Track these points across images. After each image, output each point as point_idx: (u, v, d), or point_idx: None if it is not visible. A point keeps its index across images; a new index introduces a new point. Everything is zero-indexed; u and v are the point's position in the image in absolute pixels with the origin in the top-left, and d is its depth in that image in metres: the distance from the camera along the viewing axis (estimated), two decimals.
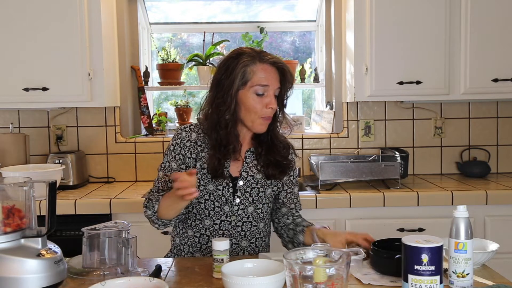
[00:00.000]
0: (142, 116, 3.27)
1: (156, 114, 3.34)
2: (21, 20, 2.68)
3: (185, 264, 1.62)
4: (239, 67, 1.65)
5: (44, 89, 2.71)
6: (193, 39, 3.61)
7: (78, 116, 3.11)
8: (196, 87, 3.41)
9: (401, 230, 2.54)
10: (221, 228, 1.74)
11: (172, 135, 1.81)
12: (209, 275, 1.49)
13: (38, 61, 2.70)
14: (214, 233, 1.74)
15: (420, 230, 2.54)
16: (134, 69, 3.26)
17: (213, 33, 3.36)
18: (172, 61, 3.35)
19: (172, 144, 1.77)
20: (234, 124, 1.69)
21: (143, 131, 3.32)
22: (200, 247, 1.76)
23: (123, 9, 3.13)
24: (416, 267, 1.21)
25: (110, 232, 1.51)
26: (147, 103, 3.26)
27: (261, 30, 3.37)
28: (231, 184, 1.73)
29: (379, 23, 2.74)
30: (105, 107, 3.07)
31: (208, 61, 3.32)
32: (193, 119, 3.44)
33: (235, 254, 1.75)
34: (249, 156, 1.77)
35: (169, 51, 3.36)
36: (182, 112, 3.36)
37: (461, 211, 1.31)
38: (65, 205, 2.52)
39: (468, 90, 2.78)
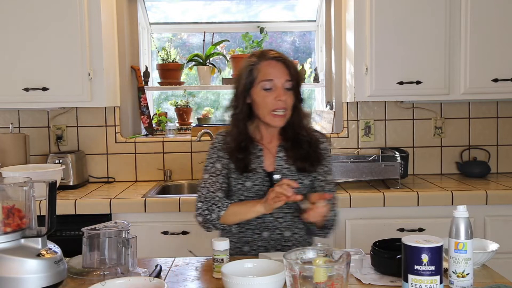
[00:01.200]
0: (142, 116, 3.27)
1: (156, 114, 3.34)
2: (21, 20, 2.68)
3: (185, 264, 1.62)
4: (245, 68, 1.79)
5: (44, 89, 2.71)
6: (193, 39, 3.61)
7: (78, 116, 3.11)
8: (196, 87, 3.41)
9: (401, 230, 2.54)
10: (264, 221, 1.80)
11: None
12: (210, 275, 1.50)
13: (38, 61, 2.70)
14: (259, 225, 1.80)
15: (420, 230, 2.54)
16: (134, 69, 3.26)
17: (213, 33, 3.37)
18: (172, 61, 3.35)
19: (211, 148, 1.88)
20: (246, 122, 1.80)
21: (143, 131, 3.32)
22: (246, 240, 1.82)
23: (123, 9, 3.13)
24: (416, 267, 1.21)
25: (110, 232, 1.51)
26: (147, 103, 3.26)
27: (261, 30, 3.37)
28: (267, 179, 1.79)
29: (379, 23, 2.74)
30: (105, 107, 3.07)
31: (208, 61, 3.32)
32: (193, 119, 3.44)
33: (278, 243, 1.79)
34: (281, 151, 1.84)
35: (169, 51, 3.36)
36: (182, 112, 3.36)
37: (461, 211, 1.32)
38: (65, 205, 2.52)
39: (468, 90, 2.78)
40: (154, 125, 3.30)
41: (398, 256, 1.34)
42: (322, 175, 1.86)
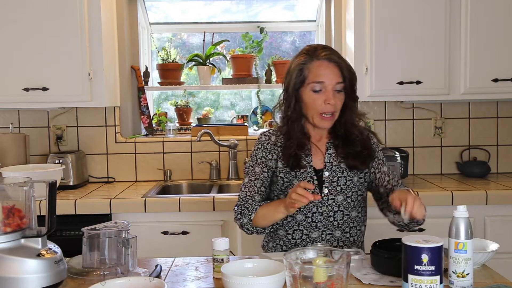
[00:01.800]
0: (142, 116, 3.27)
1: (156, 114, 3.34)
2: (21, 20, 2.67)
3: (185, 264, 1.62)
4: (295, 67, 1.74)
5: (44, 89, 2.71)
6: (193, 39, 3.61)
7: (78, 116, 3.11)
8: (196, 87, 3.41)
9: (401, 230, 2.54)
10: (313, 220, 1.77)
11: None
12: (209, 275, 1.49)
13: (38, 61, 2.70)
14: (308, 226, 1.77)
15: (420, 230, 2.54)
16: (134, 69, 3.26)
17: (213, 33, 3.37)
18: (172, 61, 3.35)
19: (255, 150, 1.86)
20: (297, 120, 1.77)
21: (143, 131, 3.32)
22: (295, 242, 1.79)
23: (123, 9, 3.13)
24: (416, 267, 1.21)
25: (110, 232, 1.51)
26: (147, 103, 3.26)
27: (261, 30, 3.37)
28: (315, 177, 1.77)
29: (379, 23, 2.74)
30: (105, 107, 3.07)
31: (208, 61, 3.32)
32: (193, 119, 3.44)
33: (329, 244, 1.77)
34: (330, 148, 1.81)
35: (169, 51, 3.36)
36: (182, 112, 3.36)
37: (461, 211, 1.32)
38: (65, 205, 2.52)
39: (468, 90, 2.78)
40: (154, 125, 3.30)
41: (398, 257, 1.34)
42: (377, 168, 1.82)
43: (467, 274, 1.29)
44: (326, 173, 1.78)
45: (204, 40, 3.36)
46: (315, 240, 1.78)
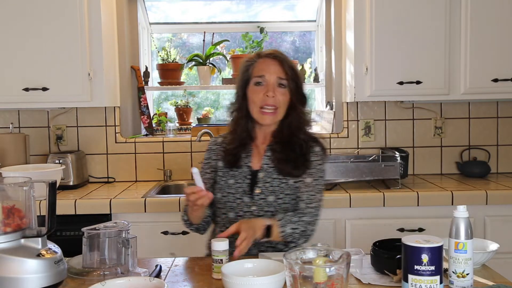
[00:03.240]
0: (142, 116, 3.27)
1: (156, 114, 3.34)
2: (21, 20, 2.67)
3: (185, 264, 1.62)
4: (242, 67, 1.84)
5: (44, 89, 2.71)
6: (193, 39, 3.61)
7: (78, 116, 3.11)
8: (196, 87, 3.41)
9: (401, 230, 2.54)
10: (244, 219, 1.78)
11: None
12: (209, 275, 1.50)
13: (38, 61, 2.70)
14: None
15: (420, 230, 2.54)
16: (134, 69, 3.26)
17: (213, 33, 3.37)
18: (172, 61, 3.35)
19: (205, 154, 1.93)
20: (242, 119, 1.82)
21: (143, 131, 3.32)
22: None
23: (123, 9, 3.13)
24: (416, 267, 1.21)
25: (110, 232, 1.51)
26: (147, 103, 3.26)
27: (261, 30, 3.37)
28: (249, 176, 1.81)
29: (379, 23, 2.74)
30: (105, 107, 3.07)
31: (208, 61, 3.32)
32: (193, 119, 3.44)
33: (261, 243, 1.76)
34: (269, 150, 1.84)
35: (169, 51, 3.36)
36: (182, 112, 3.36)
37: (461, 211, 1.32)
38: (65, 205, 2.52)
39: (468, 90, 2.78)
40: (154, 125, 3.30)
41: (398, 257, 1.34)
42: (304, 177, 1.81)
43: (467, 274, 1.29)
44: (261, 174, 1.80)
45: (204, 40, 3.36)
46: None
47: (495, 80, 2.76)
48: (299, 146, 1.80)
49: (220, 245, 1.50)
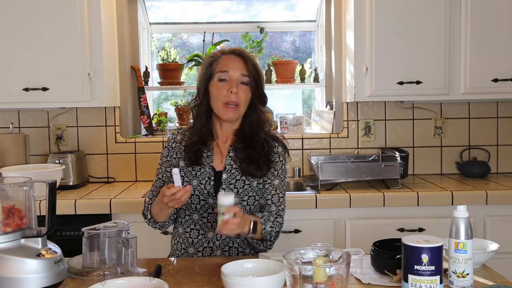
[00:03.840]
0: (142, 116, 3.27)
1: (156, 114, 3.34)
2: (21, 20, 2.67)
3: (185, 264, 1.62)
4: (205, 62, 1.84)
5: (44, 89, 2.71)
6: (193, 39, 3.61)
7: (78, 116, 3.11)
8: (196, 87, 3.40)
9: (401, 230, 2.54)
10: (209, 220, 1.78)
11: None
12: (209, 275, 1.49)
13: (38, 61, 2.70)
14: (203, 226, 1.79)
15: (420, 230, 2.54)
16: (134, 69, 3.26)
17: (213, 33, 3.36)
18: (172, 61, 3.35)
19: (163, 149, 1.92)
20: (204, 114, 1.82)
21: (143, 131, 3.32)
22: (192, 241, 1.79)
23: (123, 9, 3.13)
24: (416, 267, 1.21)
25: (110, 232, 1.51)
26: (147, 103, 3.26)
27: (261, 30, 3.37)
28: (213, 178, 1.78)
29: (379, 23, 2.74)
30: (105, 107, 3.07)
31: None
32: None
33: (225, 244, 1.77)
34: (232, 150, 1.82)
35: (169, 51, 3.36)
36: (182, 112, 3.36)
37: (461, 211, 1.32)
38: (65, 205, 2.52)
39: (468, 90, 2.78)
40: (154, 125, 3.30)
41: (398, 257, 1.34)
42: (270, 178, 1.81)
43: (467, 274, 1.29)
44: (224, 175, 1.79)
45: (204, 40, 3.36)
46: (210, 240, 1.77)
47: (495, 80, 2.76)
48: (261, 145, 1.80)
49: (225, 199, 1.51)
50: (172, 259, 1.67)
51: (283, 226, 1.82)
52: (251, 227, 1.64)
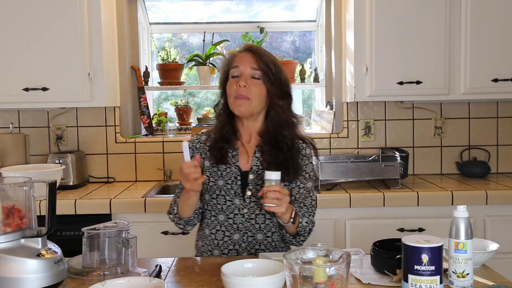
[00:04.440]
0: (142, 116, 3.27)
1: (156, 114, 3.34)
2: (21, 20, 2.68)
3: (185, 264, 1.62)
4: (223, 63, 1.84)
5: (44, 89, 2.71)
6: (193, 39, 3.61)
7: (78, 116, 3.11)
8: (196, 87, 3.41)
9: (401, 230, 2.54)
10: (235, 222, 1.76)
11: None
12: (209, 275, 1.49)
13: (38, 61, 2.70)
14: (229, 227, 1.76)
15: (420, 230, 2.54)
16: (134, 69, 3.26)
17: (213, 33, 3.36)
18: (172, 61, 3.35)
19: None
20: (225, 114, 1.81)
21: (143, 131, 3.32)
22: (217, 243, 1.77)
23: (123, 9, 3.13)
24: (416, 267, 1.21)
25: (110, 232, 1.51)
26: (147, 103, 3.26)
27: (261, 30, 3.37)
28: (239, 178, 1.77)
29: (379, 23, 2.74)
30: (105, 107, 3.07)
31: (208, 61, 3.32)
32: (193, 119, 3.44)
33: (251, 247, 1.76)
34: (258, 151, 1.80)
35: (169, 51, 3.36)
36: (182, 112, 3.36)
37: (461, 211, 1.31)
38: (65, 205, 2.52)
39: (468, 90, 2.78)
40: (154, 125, 3.30)
41: (398, 257, 1.34)
42: (302, 182, 1.79)
43: (467, 274, 1.29)
44: (251, 176, 1.77)
45: (204, 40, 3.36)
46: (236, 242, 1.76)
47: (495, 80, 2.76)
48: (286, 145, 1.76)
49: (273, 174, 1.55)
50: (172, 259, 1.67)
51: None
52: (292, 215, 1.64)
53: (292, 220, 1.64)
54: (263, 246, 1.77)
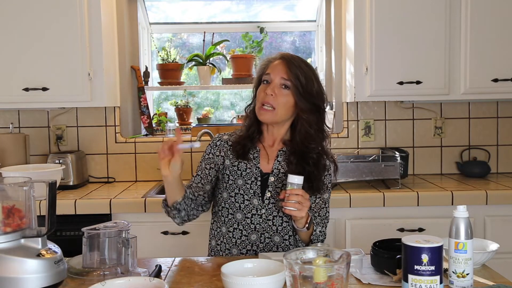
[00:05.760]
0: (142, 116, 3.27)
1: (156, 114, 3.34)
2: (21, 20, 2.68)
3: (185, 264, 1.62)
4: (259, 67, 1.86)
5: (44, 89, 2.71)
6: (193, 39, 3.61)
7: (78, 116, 3.11)
8: (196, 87, 3.41)
9: (401, 230, 2.54)
10: (252, 222, 1.77)
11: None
12: (209, 275, 1.50)
13: (38, 61, 2.70)
14: (246, 227, 1.77)
15: (420, 230, 2.54)
16: (134, 69, 3.26)
17: (213, 33, 3.37)
18: (172, 61, 3.35)
19: (206, 147, 1.91)
20: (252, 115, 1.82)
21: (143, 131, 3.32)
22: (235, 241, 1.78)
23: (123, 9, 3.13)
24: (416, 267, 1.21)
25: (110, 232, 1.51)
26: (147, 103, 3.26)
27: (261, 30, 3.37)
28: (259, 178, 1.78)
29: (379, 23, 2.74)
30: (105, 107, 3.07)
31: (208, 61, 3.32)
32: (193, 119, 3.44)
33: (268, 249, 1.76)
34: (281, 155, 1.81)
35: (169, 51, 3.36)
36: (182, 112, 3.36)
37: (461, 211, 1.32)
38: (65, 205, 2.52)
39: (468, 90, 2.78)
40: (154, 125, 3.30)
41: (398, 257, 1.34)
42: (320, 193, 1.80)
43: (467, 274, 1.29)
44: (272, 178, 1.78)
45: (204, 40, 3.36)
46: (254, 243, 1.76)
47: (495, 80, 2.76)
48: (311, 158, 1.76)
49: (296, 178, 1.59)
50: (172, 259, 1.67)
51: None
52: (308, 221, 1.66)
53: (307, 226, 1.67)
54: (281, 249, 1.77)
